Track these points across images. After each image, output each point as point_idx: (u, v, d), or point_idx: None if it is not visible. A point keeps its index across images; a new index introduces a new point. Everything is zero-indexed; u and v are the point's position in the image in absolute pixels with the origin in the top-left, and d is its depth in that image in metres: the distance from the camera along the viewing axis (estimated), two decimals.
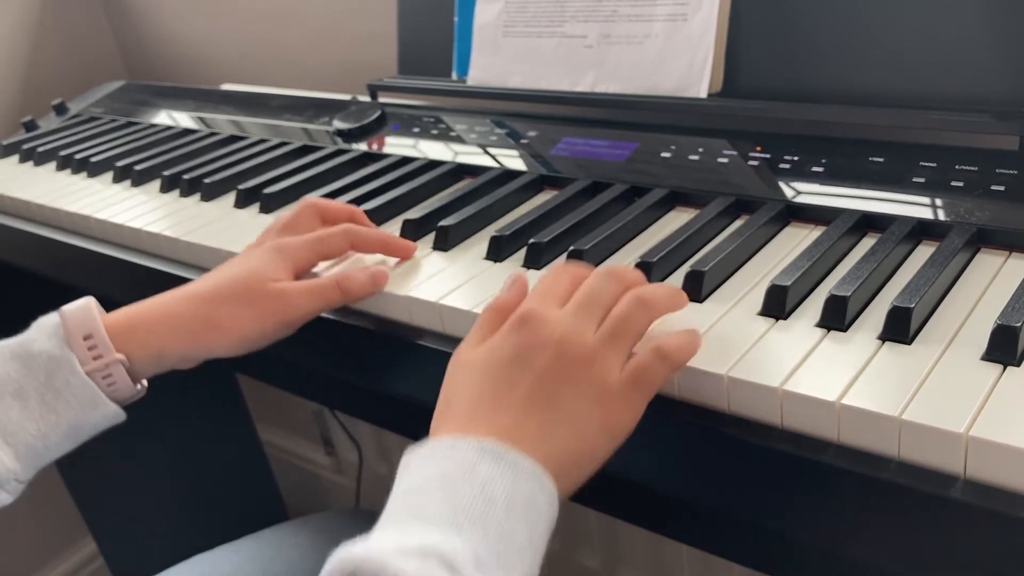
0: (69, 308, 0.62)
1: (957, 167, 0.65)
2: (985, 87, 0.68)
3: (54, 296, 1.02)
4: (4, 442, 0.59)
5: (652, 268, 0.61)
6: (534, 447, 0.46)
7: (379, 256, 0.72)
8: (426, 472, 0.45)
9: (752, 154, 0.74)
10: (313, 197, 0.75)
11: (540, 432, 0.47)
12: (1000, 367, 0.47)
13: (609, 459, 0.49)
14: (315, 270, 0.71)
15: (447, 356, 0.62)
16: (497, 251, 0.69)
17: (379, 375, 0.69)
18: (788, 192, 0.69)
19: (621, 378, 0.49)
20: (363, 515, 0.97)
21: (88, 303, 0.63)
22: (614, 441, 0.49)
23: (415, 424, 0.78)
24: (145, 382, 0.65)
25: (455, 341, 0.63)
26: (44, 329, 0.62)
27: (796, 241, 0.65)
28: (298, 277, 0.68)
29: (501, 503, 0.43)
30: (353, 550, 0.40)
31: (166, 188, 0.96)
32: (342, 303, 0.67)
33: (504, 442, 0.46)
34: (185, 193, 0.94)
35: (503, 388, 0.49)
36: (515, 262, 0.69)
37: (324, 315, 0.68)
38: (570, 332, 0.50)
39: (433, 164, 0.88)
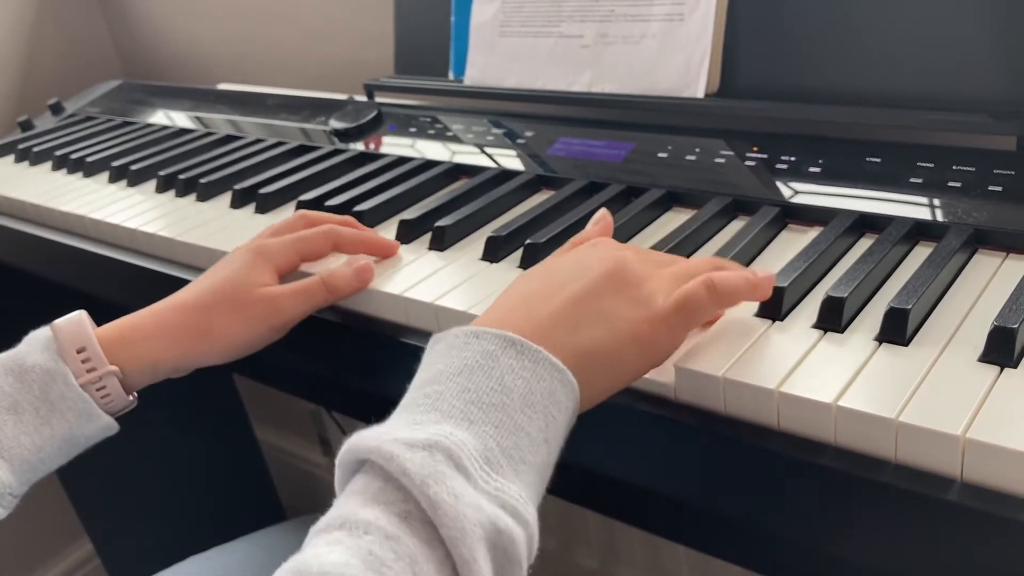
0: (61, 322, 0.62)
1: (954, 167, 0.65)
2: (983, 87, 0.68)
3: (49, 297, 1.02)
4: None
5: None
6: (562, 343, 0.46)
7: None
8: (447, 360, 0.45)
9: (749, 154, 0.74)
10: (307, 211, 0.74)
11: (572, 328, 0.47)
12: (997, 369, 0.47)
13: (607, 460, 0.49)
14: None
15: None
16: (493, 252, 0.69)
17: (375, 376, 0.69)
18: (785, 192, 0.69)
19: (666, 301, 0.49)
20: None
21: (80, 316, 0.63)
22: (646, 358, 0.49)
23: None
24: (136, 393, 0.65)
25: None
26: (36, 343, 0.62)
27: (793, 242, 0.65)
28: (282, 278, 0.68)
29: (518, 395, 0.43)
30: (365, 437, 0.40)
31: (162, 188, 0.96)
32: (330, 302, 0.67)
33: (533, 336, 0.45)
34: (181, 193, 0.94)
35: (551, 288, 0.49)
36: (512, 262, 0.68)
37: (320, 316, 0.68)
38: (634, 258, 0.51)
39: (430, 164, 0.88)
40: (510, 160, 0.85)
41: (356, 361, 0.70)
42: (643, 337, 0.48)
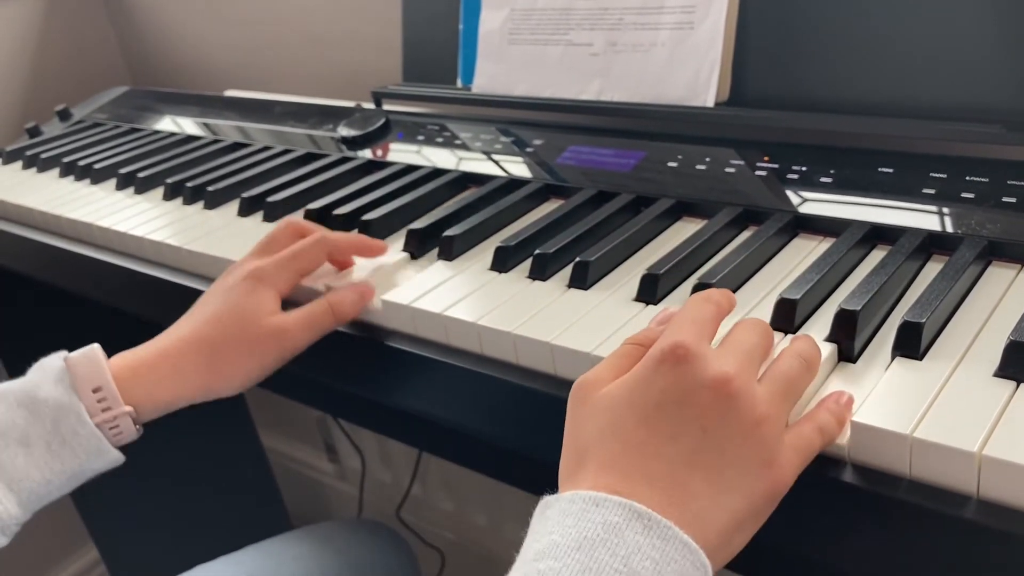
0: (76, 357, 0.62)
1: (968, 178, 0.64)
2: (996, 97, 0.68)
3: (57, 304, 1.02)
4: (8, 489, 0.59)
5: (659, 280, 0.61)
6: (694, 513, 0.41)
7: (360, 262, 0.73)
8: (564, 531, 0.40)
9: (760, 164, 0.73)
10: (292, 217, 0.75)
11: (704, 496, 0.41)
12: (1013, 384, 0.47)
13: None
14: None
15: (451, 368, 0.62)
16: (502, 261, 0.69)
17: (383, 385, 0.68)
18: (796, 202, 0.68)
19: (785, 441, 0.44)
20: (365, 526, 0.96)
21: (94, 353, 0.62)
22: (772, 508, 0.44)
23: (418, 433, 0.78)
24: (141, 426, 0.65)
25: (460, 353, 0.63)
26: (48, 374, 0.61)
27: (804, 253, 0.64)
28: (283, 299, 0.68)
29: None
30: None
31: (169, 196, 0.96)
32: (337, 326, 0.67)
33: (658, 507, 0.40)
34: (188, 201, 0.93)
35: (659, 437, 0.43)
36: (521, 272, 0.68)
37: None
38: (737, 379, 0.43)
39: (438, 172, 0.87)
40: (519, 169, 0.84)
41: (364, 370, 0.70)
42: (776, 490, 0.43)
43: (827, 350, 0.52)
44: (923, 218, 0.63)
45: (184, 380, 0.64)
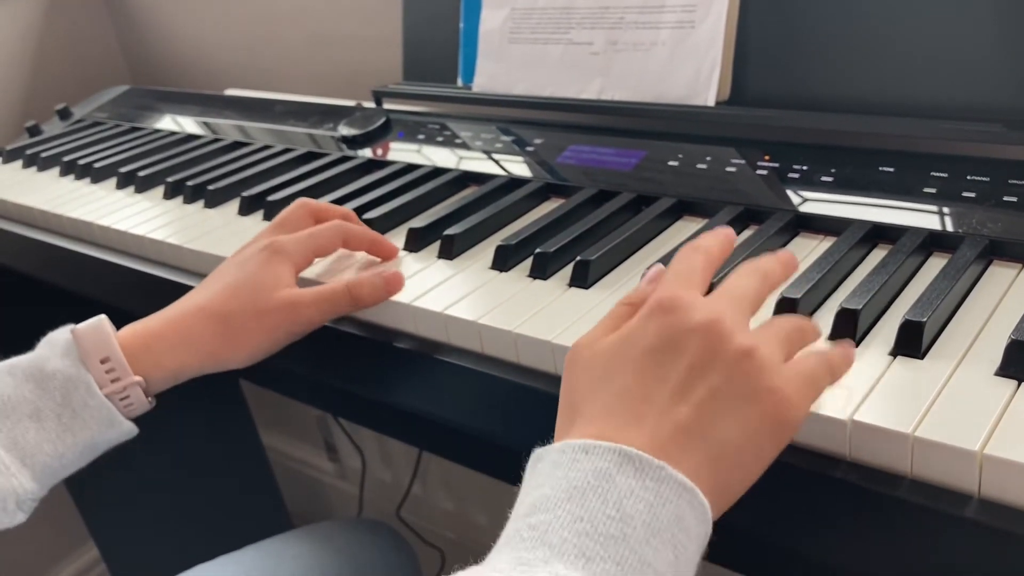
0: (83, 328, 0.61)
1: (969, 177, 0.64)
2: (997, 96, 0.67)
3: (57, 303, 1.02)
4: (22, 464, 0.58)
5: None
6: (687, 453, 0.40)
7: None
8: (554, 482, 0.39)
9: (760, 163, 0.73)
10: (306, 199, 0.74)
11: (696, 434, 0.40)
12: (1015, 383, 0.46)
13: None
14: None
15: (452, 367, 0.62)
16: (503, 260, 0.69)
17: (383, 384, 0.68)
18: (797, 201, 0.68)
19: (789, 372, 0.43)
20: (365, 525, 0.96)
21: (101, 323, 0.62)
22: (781, 444, 0.42)
23: (418, 433, 0.78)
24: (154, 396, 0.65)
25: (460, 352, 0.62)
26: (56, 347, 0.61)
27: (806, 252, 0.64)
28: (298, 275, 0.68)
29: (641, 523, 0.37)
30: None
31: (169, 194, 0.96)
32: (353, 311, 0.66)
33: (649, 448, 0.39)
34: (189, 200, 0.93)
35: (648, 381, 0.42)
36: (521, 271, 0.68)
37: (328, 324, 0.67)
38: (725, 320, 0.43)
39: (438, 171, 0.87)
40: (519, 168, 0.84)
41: (364, 369, 0.70)
42: (775, 418, 0.41)
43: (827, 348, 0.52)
44: (924, 217, 0.62)
45: (192, 348, 0.63)
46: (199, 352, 0.63)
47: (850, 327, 0.52)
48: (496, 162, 0.86)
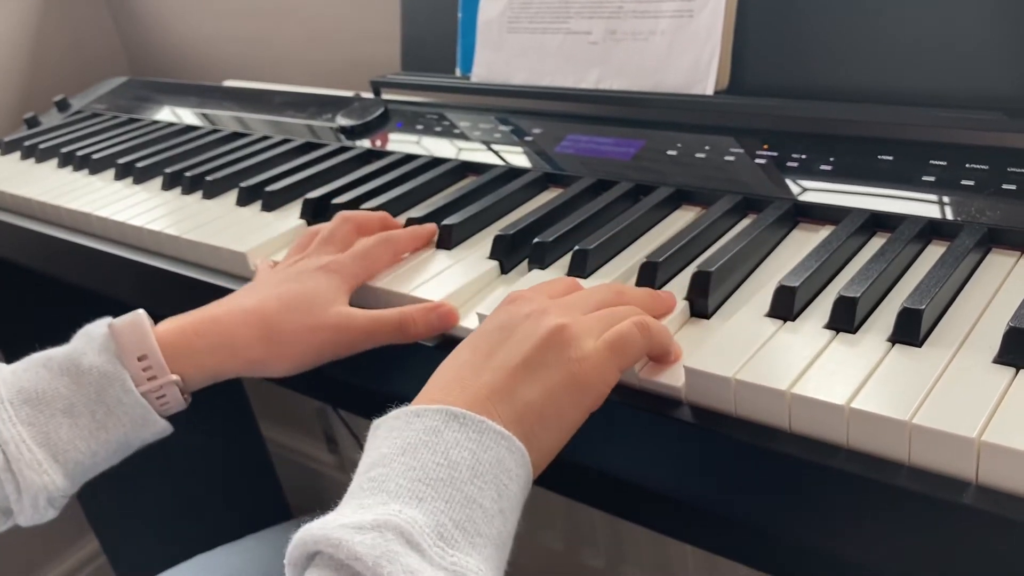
0: (120, 323, 0.60)
1: (968, 166, 0.64)
2: (996, 85, 0.67)
3: (55, 294, 1.02)
4: (54, 460, 0.58)
5: (658, 268, 0.61)
6: (501, 410, 0.46)
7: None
8: (390, 442, 0.44)
9: (759, 152, 0.73)
10: (348, 212, 0.73)
11: (508, 393, 0.47)
12: (1013, 370, 0.47)
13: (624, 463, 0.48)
14: None
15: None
16: (501, 250, 0.69)
17: (382, 375, 0.68)
18: (796, 190, 0.68)
19: (598, 343, 0.49)
20: None
21: (139, 319, 0.60)
22: (581, 403, 0.48)
23: None
24: (190, 394, 0.63)
25: (457, 340, 0.62)
26: (92, 341, 0.60)
27: (804, 240, 0.64)
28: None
29: (466, 467, 0.42)
30: (311, 528, 0.40)
31: (168, 185, 0.96)
32: (400, 342, 0.63)
33: (472, 406, 0.45)
34: (187, 190, 0.93)
35: (479, 356, 0.49)
36: (520, 261, 0.68)
37: None
38: (553, 309, 0.51)
39: (437, 161, 0.87)
40: (517, 158, 0.84)
41: (363, 360, 0.70)
42: (575, 383, 0.48)
43: (826, 337, 0.52)
44: (923, 206, 0.62)
45: (234, 352, 0.61)
46: (240, 356, 0.61)
47: (849, 315, 0.52)
48: (494, 152, 0.86)
